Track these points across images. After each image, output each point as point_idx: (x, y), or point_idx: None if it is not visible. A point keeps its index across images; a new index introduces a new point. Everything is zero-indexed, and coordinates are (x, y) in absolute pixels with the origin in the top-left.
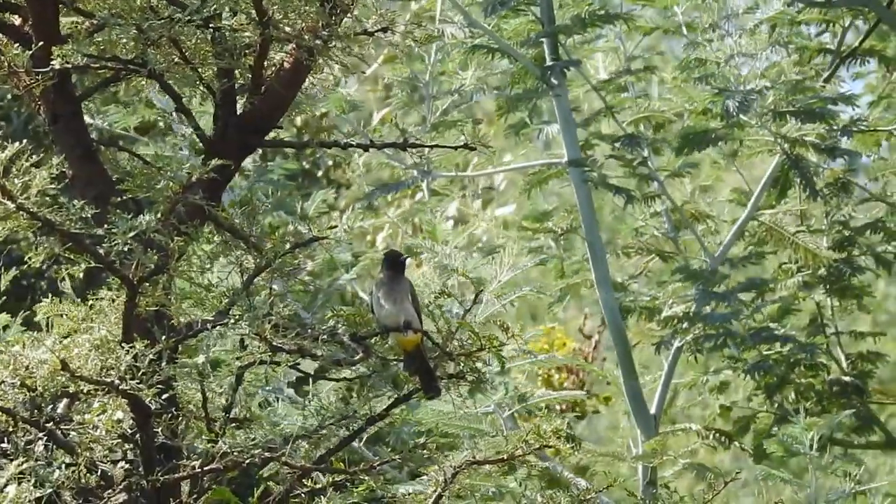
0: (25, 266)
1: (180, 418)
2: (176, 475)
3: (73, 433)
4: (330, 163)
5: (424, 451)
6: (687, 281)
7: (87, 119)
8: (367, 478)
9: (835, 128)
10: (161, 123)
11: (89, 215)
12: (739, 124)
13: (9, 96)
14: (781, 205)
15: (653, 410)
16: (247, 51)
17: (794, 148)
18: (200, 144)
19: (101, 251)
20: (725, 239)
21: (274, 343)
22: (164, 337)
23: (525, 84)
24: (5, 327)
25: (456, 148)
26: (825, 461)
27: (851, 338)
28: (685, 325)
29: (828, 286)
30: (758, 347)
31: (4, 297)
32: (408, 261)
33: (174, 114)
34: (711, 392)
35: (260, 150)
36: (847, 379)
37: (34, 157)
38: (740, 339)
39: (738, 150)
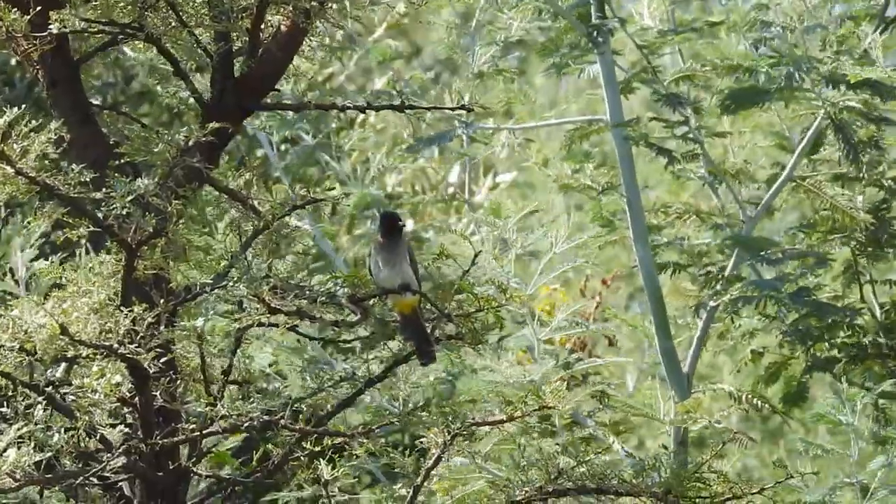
0: None
1: (179, 381)
2: (175, 438)
3: (71, 397)
4: (333, 125)
5: (424, 415)
6: (728, 245)
7: None
8: (366, 441)
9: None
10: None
11: (88, 179)
12: (792, 89)
13: (12, 62)
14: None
15: (685, 369)
16: (243, 13)
17: (839, 114)
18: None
19: (100, 215)
20: (764, 199)
21: (272, 305)
22: (162, 300)
23: (569, 41)
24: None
25: (453, 109)
26: (868, 429)
27: (885, 286)
28: (722, 286)
29: (863, 248)
30: (797, 309)
31: None
32: (405, 223)
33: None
34: (742, 338)
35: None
36: (882, 340)
37: (34, 122)
38: (782, 301)
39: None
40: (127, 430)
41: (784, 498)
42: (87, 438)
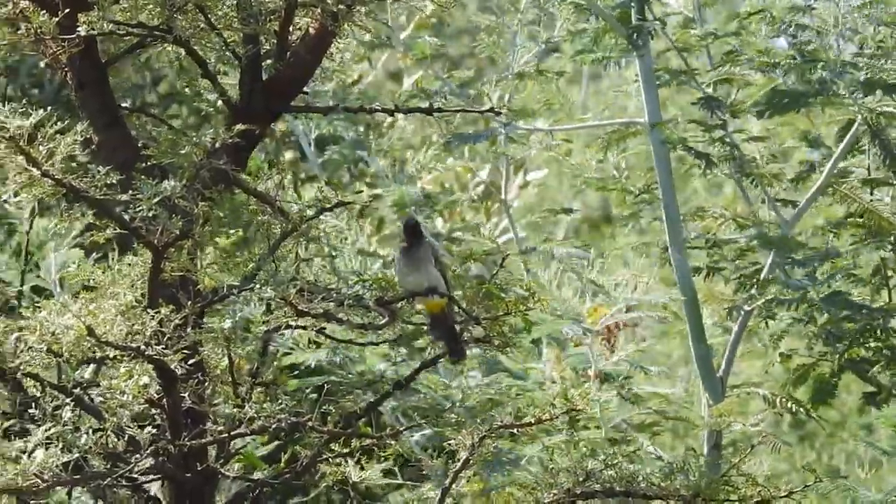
0: None
1: (207, 383)
2: (202, 440)
3: (100, 398)
4: (361, 129)
5: (453, 416)
6: (763, 247)
7: None
8: (393, 443)
9: None
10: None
11: (115, 181)
12: (829, 95)
13: (41, 64)
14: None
15: (719, 373)
16: (272, 16)
17: (877, 120)
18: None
19: (127, 217)
20: (801, 203)
21: (300, 307)
22: (189, 302)
23: (608, 42)
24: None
25: (483, 112)
26: None
27: None
28: (756, 290)
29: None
30: (830, 311)
31: None
32: (422, 225)
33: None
34: (772, 339)
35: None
36: None
37: (61, 124)
38: (815, 304)
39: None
40: (155, 431)
41: (833, 501)
42: (116, 439)
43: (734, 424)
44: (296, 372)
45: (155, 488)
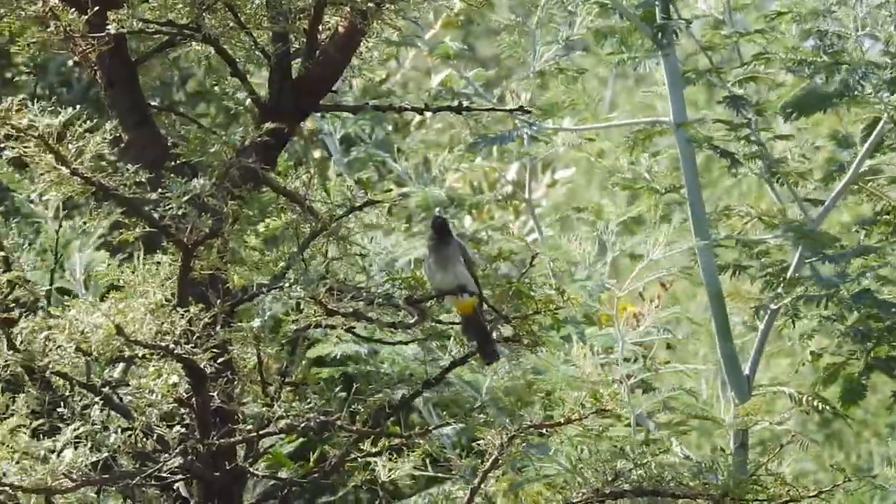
0: None
1: (236, 382)
2: (232, 439)
3: (129, 397)
4: (390, 128)
5: (482, 416)
6: (795, 242)
7: None
8: (422, 442)
9: None
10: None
11: (144, 179)
12: (854, 95)
13: (69, 63)
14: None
15: (746, 371)
16: (301, 14)
17: None
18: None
19: (156, 215)
20: (827, 201)
21: (329, 307)
22: (218, 301)
23: (634, 42)
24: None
25: (511, 111)
26: None
27: None
28: (783, 288)
29: None
30: (858, 309)
31: None
32: (449, 223)
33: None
34: (801, 339)
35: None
36: None
37: (89, 122)
38: (844, 301)
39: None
40: (184, 430)
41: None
42: (144, 439)
43: (760, 423)
44: (323, 365)
45: (183, 488)
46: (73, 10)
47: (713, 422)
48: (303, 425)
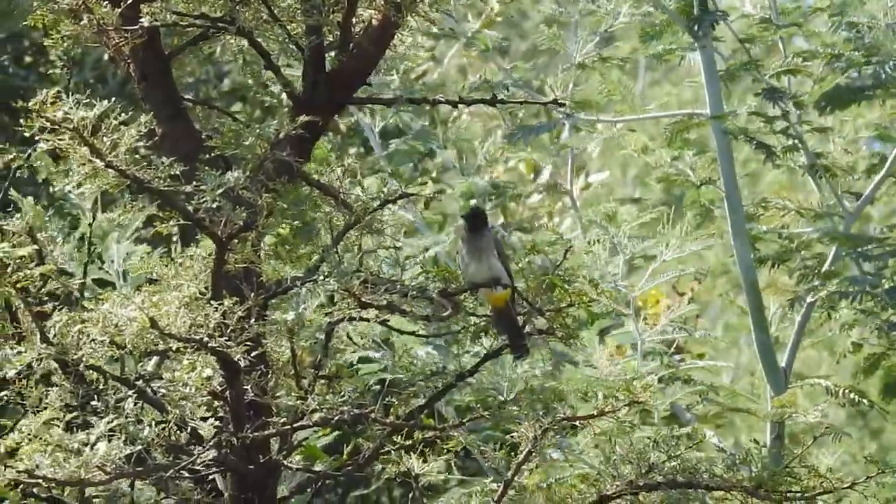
0: None
1: (270, 375)
2: (265, 432)
3: (162, 390)
4: (426, 122)
5: (515, 409)
6: (832, 242)
7: None
8: (456, 434)
9: None
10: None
11: (178, 172)
12: (887, 86)
13: (105, 57)
14: None
15: (783, 363)
16: (335, 7)
17: None
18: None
19: (191, 208)
20: (864, 194)
21: (363, 299)
22: (252, 294)
23: (671, 35)
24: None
25: (546, 104)
26: None
27: None
28: (819, 281)
29: None
30: (892, 304)
31: None
32: (485, 215)
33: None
34: (842, 330)
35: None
36: None
37: (124, 115)
38: (878, 297)
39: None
40: (218, 423)
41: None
42: (178, 432)
43: (795, 415)
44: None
45: (217, 480)
46: (107, 3)
47: (750, 414)
48: (336, 418)
